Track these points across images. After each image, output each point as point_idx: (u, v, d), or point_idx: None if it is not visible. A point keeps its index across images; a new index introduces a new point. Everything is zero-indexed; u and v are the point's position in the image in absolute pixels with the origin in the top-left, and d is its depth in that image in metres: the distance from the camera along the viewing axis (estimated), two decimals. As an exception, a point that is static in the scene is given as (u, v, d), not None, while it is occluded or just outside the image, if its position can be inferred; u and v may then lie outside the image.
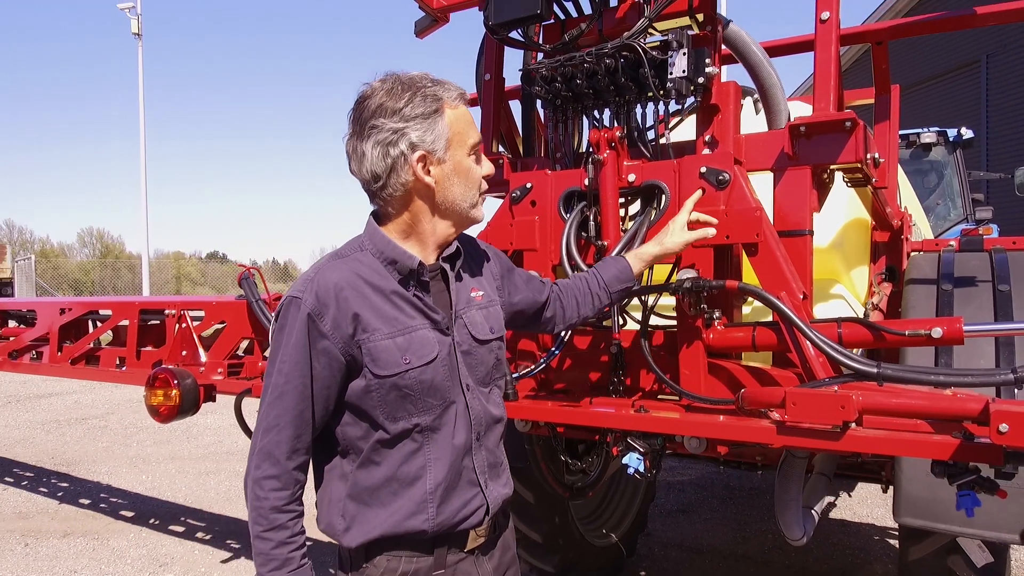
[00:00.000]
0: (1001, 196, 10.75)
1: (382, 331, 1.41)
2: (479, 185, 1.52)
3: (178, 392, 2.20)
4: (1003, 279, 2.61)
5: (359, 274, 1.44)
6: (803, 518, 2.57)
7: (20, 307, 4.52)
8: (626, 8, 2.19)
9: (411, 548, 1.48)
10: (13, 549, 4.57)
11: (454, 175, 1.48)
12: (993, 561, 2.49)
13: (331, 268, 1.45)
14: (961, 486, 1.43)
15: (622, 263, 1.91)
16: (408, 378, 1.42)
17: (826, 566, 4.31)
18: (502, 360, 1.64)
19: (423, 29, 2.89)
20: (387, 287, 1.45)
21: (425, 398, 1.44)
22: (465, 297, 1.56)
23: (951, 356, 2.42)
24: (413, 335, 1.44)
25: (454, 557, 1.51)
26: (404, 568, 1.47)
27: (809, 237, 2.11)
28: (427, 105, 1.43)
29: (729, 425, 1.75)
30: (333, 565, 4.27)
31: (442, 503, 1.46)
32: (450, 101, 1.46)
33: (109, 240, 47.27)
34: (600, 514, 4.06)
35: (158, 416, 2.21)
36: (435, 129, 1.44)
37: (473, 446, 1.52)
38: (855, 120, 1.96)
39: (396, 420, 1.44)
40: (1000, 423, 1.29)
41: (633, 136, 2.17)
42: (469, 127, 1.50)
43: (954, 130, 7.70)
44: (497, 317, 1.63)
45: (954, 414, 1.44)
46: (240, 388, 2.55)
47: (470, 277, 1.61)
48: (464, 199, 1.50)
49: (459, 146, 1.47)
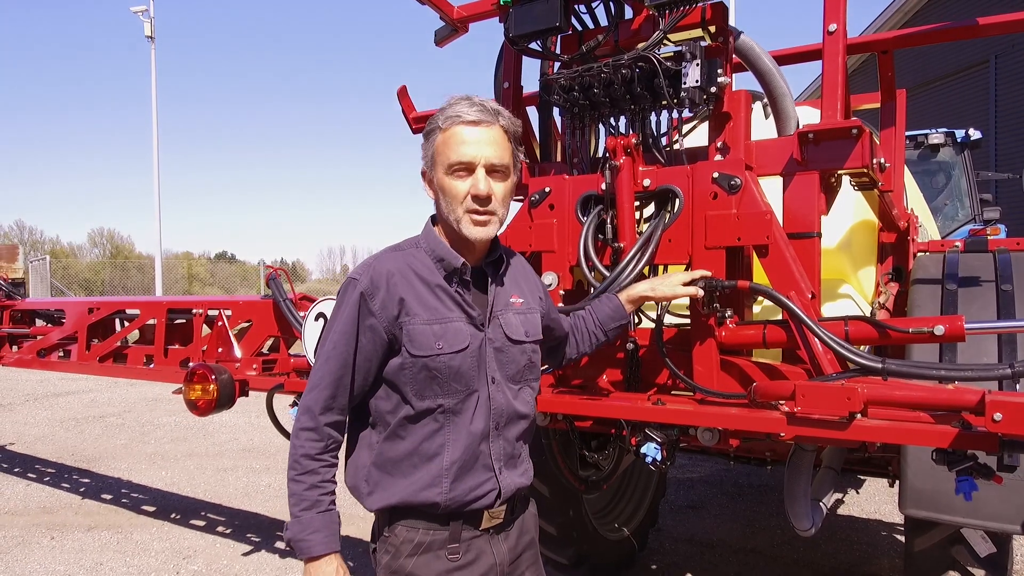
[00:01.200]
0: (1010, 196, 10.77)
1: (422, 316, 1.58)
2: (460, 201, 1.60)
3: (216, 387, 2.32)
4: (1006, 279, 2.70)
5: (411, 266, 1.62)
6: (812, 510, 2.67)
7: (48, 307, 4.64)
8: (641, 20, 2.29)
9: (428, 520, 1.62)
10: (40, 542, 4.70)
11: (440, 190, 1.63)
12: (996, 551, 2.58)
13: (388, 258, 1.64)
14: (960, 472, 1.53)
15: (615, 302, 2.02)
16: (438, 361, 1.57)
17: (834, 560, 4.39)
18: (535, 363, 1.77)
19: (443, 38, 2.99)
20: (433, 280, 1.62)
21: (451, 382, 1.59)
22: (504, 300, 1.70)
23: (955, 353, 2.51)
24: (448, 325, 1.60)
25: (468, 534, 1.64)
26: (420, 539, 1.62)
27: (817, 239, 2.20)
28: (428, 127, 1.63)
29: (742, 416, 1.85)
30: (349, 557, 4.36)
31: (455, 480, 1.60)
32: (442, 124, 1.61)
33: (119, 240, 47.44)
34: (613, 509, 4.16)
35: (196, 410, 2.33)
36: (428, 149, 1.64)
37: (491, 434, 1.64)
38: (861, 127, 2.05)
39: (423, 398, 1.59)
40: (995, 412, 1.39)
41: (648, 143, 2.27)
42: (450, 148, 1.59)
43: (962, 131, 7.74)
44: (534, 324, 1.76)
45: (953, 405, 1.54)
46: (272, 384, 2.66)
47: (512, 284, 1.75)
48: (448, 213, 1.63)
49: (440, 165, 1.62)
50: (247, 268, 43.72)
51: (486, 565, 1.66)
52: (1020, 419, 1.35)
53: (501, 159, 1.61)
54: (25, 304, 4.61)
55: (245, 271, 41.77)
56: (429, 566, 1.61)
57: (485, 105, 1.62)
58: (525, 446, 1.77)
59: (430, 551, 1.62)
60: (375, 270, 1.61)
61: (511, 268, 1.78)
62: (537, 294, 1.83)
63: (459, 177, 1.60)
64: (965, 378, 1.69)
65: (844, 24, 2.15)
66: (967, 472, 1.51)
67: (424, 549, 1.62)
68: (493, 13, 2.68)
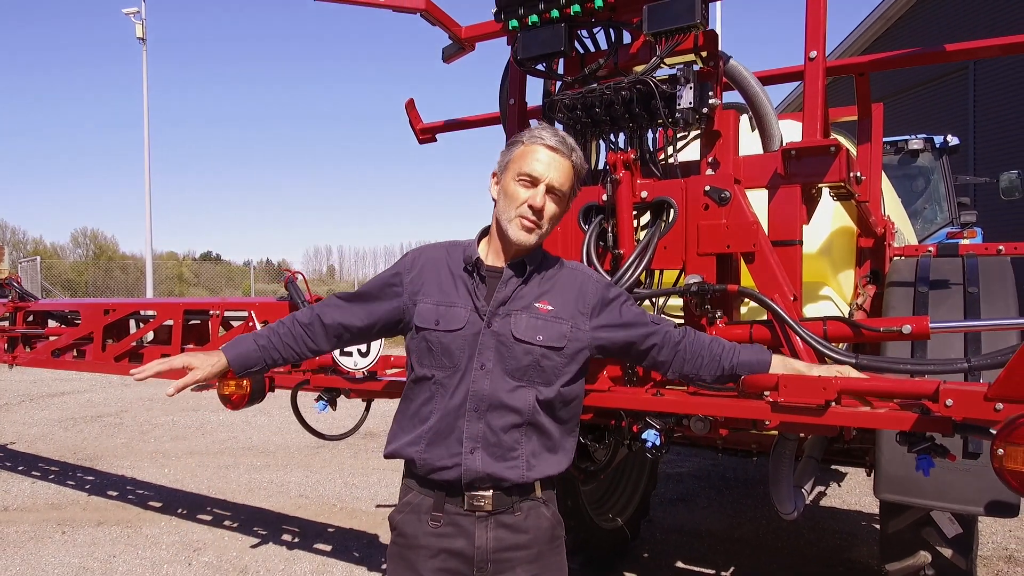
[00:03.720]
0: (987, 199, 11.09)
1: (433, 297, 1.87)
2: (516, 205, 1.83)
3: (248, 382, 2.50)
4: (973, 282, 2.92)
5: (445, 257, 1.92)
6: (794, 495, 2.88)
7: (63, 308, 4.77)
8: (639, 45, 2.50)
9: (419, 483, 1.88)
10: (51, 536, 4.83)
11: (503, 192, 1.87)
12: (962, 532, 2.80)
13: (432, 248, 1.99)
14: (919, 452, 1.75)
15: (764, 358, 1.97)
16: (433, 335, 1.84)
17: (816, 548, 4.62)
18: (547, 369, 1.82)
19: (450, 55, 3.17)
20: (457, 271, 1.89)
21: (441, 357, 1.84)
22: (525, 301, 1.85)
23: (925, 350, 2.74)
24: (451, 308, 1.85)
25: (453, 508, 1.83)
26: (412, 499, 1.88)
27: (799, 246, 2.41)
28: (513, 140, 1.90)
29: (731, 405, 2.06)
30: (353, 548, 4.55)
31: (429, 445, 1.83)
32: (526, 140, 1.86)
33: (103, 241, 46.84)
34: (607, 500, 4.39)
35: (229, 404, 2.49)
36: (506, 157, 1.89)
37: (468, 414, 1.81)
38: (838, 145, 2.27)
39: (422, 366, 1.87)
40: (947, 399, 1.61)
41: (645, 158, 2.47)
42: (525, 160, 1.84)
43: (940, 137, 8.00)
44: (556, 332, 1.83)
45: (914, 393, 1.75)
46: (297, 380, 2.84)
47: (548, 291, 1.88)
48: (504, 214, 1.85)
49: (511, 171, 1.86)
50: (232, 268, 43.39)
51: (464, 542, 1.81)
52: (968, 404, 1.58)
53: (562, 184, 1.86)
54: (39, 305, 4.74)
55: (231, 271, 41.45)
56: (411, 525, 1.86)
57: (565, 139, 1.88)
58: (523, 442, 1.82)
59: (416, 513, 1.87)
60: (417, 254, 1.97)
61: (556, 277, 1.91)
62: (580, 308, 1.88)
63: (524, 185, 1.83)
64: (928, 372, 1.91)
65: (823, 51, 2.36)
66: (925, 451, 1.74)
67: (411, 510, 1.88)
68: (499, 33, 2.86)
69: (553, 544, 1.91)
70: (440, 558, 1.83)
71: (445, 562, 1.83)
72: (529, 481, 1.84)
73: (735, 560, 4.43)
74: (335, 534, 4.90)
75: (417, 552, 1.84)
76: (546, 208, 1.83)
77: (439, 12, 2.90)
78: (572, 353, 1.86)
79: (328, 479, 6.25)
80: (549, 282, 1.90)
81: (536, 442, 1.85)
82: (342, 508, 5.47)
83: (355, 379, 2.80)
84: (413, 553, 1.85)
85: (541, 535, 1.88)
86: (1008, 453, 1.45)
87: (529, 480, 1.84)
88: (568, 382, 1.87)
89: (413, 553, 1.85)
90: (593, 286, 1.93)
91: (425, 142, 3.75)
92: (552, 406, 1.85)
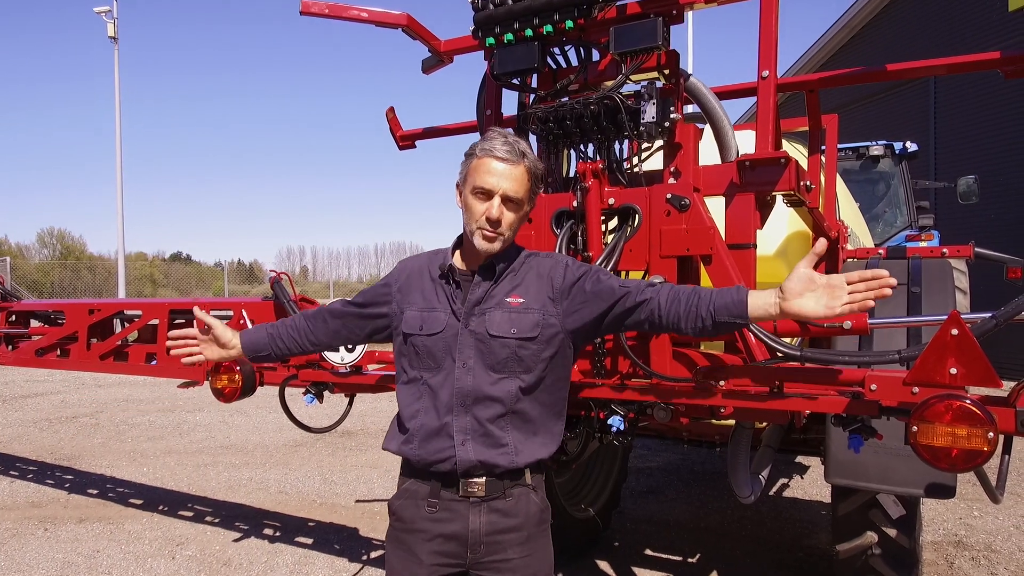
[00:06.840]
0: (947, 203, 11.49)
1: (417, 304, 2.02)
2: (476, 218, 1.93)
3: (240, 376, 2.63)
4: (916, 282, 3.16)
5: (428, 265, 2.06)
6: (751, 481, 3.10)
7: (46, 308, 4.82)
8: (606, 63, 2.69)
9: (413, 475, 2.02)
10: (34, 533, 4.89)
11: (464, 205, 1.99)
12: (905, 513, 3.03)
13: (416, 258, 2.13)
14: (851, 431, 1.96)
15: (741, 297, 1.83)
16: (417, 340, 1.98)
17: (778, 536, 4.86)
18: (524, 358, 1.91)
19: (430, 67, 3.34)
20: (436, 277, 2.03)
21: (426, 358, 1.97)
22: (497, 299, 1.96)
23: (871, 344, 2.97)
24: (431, 313, 1.99)
25: (448, 494, 1.96)
26: (410, 487, 2.02)
27: (753, 249, 2.61)
28: (468, 152, 1.99)
29: (689, 393, 2.26)
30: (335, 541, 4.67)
31: (423, 442, 1.96)
32: (478, 153, 1.95)
33: (70, 241, 45.89)
34: (580, 490, 4.58)
35: (222, 397, 2.63)
36: (463, 169, 1.99)
37: (456, 409, 1.93)
38: (788, 157, 2.47)
39: (412, 368, 1.99)
40: (871, 384, 1.83)
41: (612, 167, 2.66)
42: (478, 174, 1.92)
43: (900, 143, 8.34)
44: (526, 322, 1.92)
45: (846, 380, 1.97)
46: (284, 376, 2.98)
47: (515, 285, 1.99)
48: (468, 225, 1.97)
49: (468, 184, 1.96)
50: (203, 269, 42.86)
51: (459, 526, 1.92)
52: (889, 390, 1.79)
53: (516, 193, 1.91)
54: (22, 305, 4.79)
55: (201, 272, 40.95)
56: (409, 510, 2.00)
57: (515, 146, 1.91)
58: (508, 429, 1.92)
59: (413, 499, 1.99)
60: (404, 265, 2.13)
61: (523, 271, 1.99)
62: (549, 295, 1.96)
63: (480, 199, 1.93)
64: (864, 363, 2.12)
65: (775, 70, 2.57)
66: (856, 432, 1.95)
67: (409, 496, 2.00)
68: (476, 48, 3.03)
69: (541, 527, 2.01)
70: (436, 541, 1.96)
71: (441, 545, 1.96)
72: (519, 466, 1.93)
73: (701, 548, 4.65)
74: (316, 528, 5.02)
75: (415, 535, 1.98)
76: (504, 217, 1.91)
77: (419, 27, 3.07)
78: (547, 339, 1.93)
79: (307, 476, 6.36)
80: (519, 276, 2.00)
81: (522, 428, 1.94)
82: (322, 503, 5.60)
83: (340, 373, 2.95)
84: (411, 536, 1.98)
85: (530, 519, 1.97)
86: (921, 429, 1.66)
87: (518, 465, 1.93)
88: (548, 366, 1.95)
89: (411, 536, 1.98)
90: (560, 271, 1.98)
91: (405, 148, 3.91)
92: (535, 391, 1.95)
